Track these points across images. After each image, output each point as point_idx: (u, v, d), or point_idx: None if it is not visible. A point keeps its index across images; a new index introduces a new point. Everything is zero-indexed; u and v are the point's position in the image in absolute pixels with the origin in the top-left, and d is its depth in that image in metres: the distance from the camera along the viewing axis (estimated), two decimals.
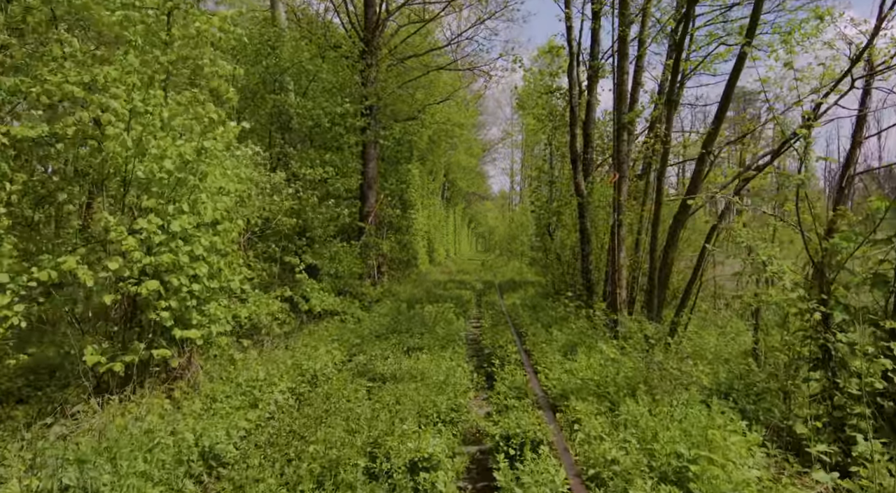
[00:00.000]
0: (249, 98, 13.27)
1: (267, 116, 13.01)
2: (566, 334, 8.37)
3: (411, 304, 14.14)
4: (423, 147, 25.13)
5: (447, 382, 5.51)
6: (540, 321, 10.12)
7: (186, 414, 4.20)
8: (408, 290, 17.45)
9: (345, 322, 9.67)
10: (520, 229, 36.67)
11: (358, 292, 12.68)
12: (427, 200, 30.66)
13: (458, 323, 11.90)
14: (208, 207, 5.40)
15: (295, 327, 8.64)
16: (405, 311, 12.73)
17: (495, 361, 7.14)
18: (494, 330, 9.84)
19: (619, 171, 10.45)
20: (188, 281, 5.29)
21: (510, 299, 15.57)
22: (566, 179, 18.36)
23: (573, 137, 13.30)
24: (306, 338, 8.03)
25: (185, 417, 4.14)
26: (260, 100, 12.89)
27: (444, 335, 9.50)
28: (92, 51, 5.03)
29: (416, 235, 24.28)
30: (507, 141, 52.77)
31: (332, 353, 6.99)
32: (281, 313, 8.75)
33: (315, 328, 8.90)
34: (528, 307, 12.78)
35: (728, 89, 8.63)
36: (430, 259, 29.88)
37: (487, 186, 71.04)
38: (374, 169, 17.47)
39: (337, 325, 9.23)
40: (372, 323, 9.86)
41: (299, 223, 10.76)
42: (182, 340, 5.36)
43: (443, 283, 20.67)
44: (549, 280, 17.20)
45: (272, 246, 11.45)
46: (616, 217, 10.42)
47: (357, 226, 16.31)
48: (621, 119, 10.48)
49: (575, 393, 5.22)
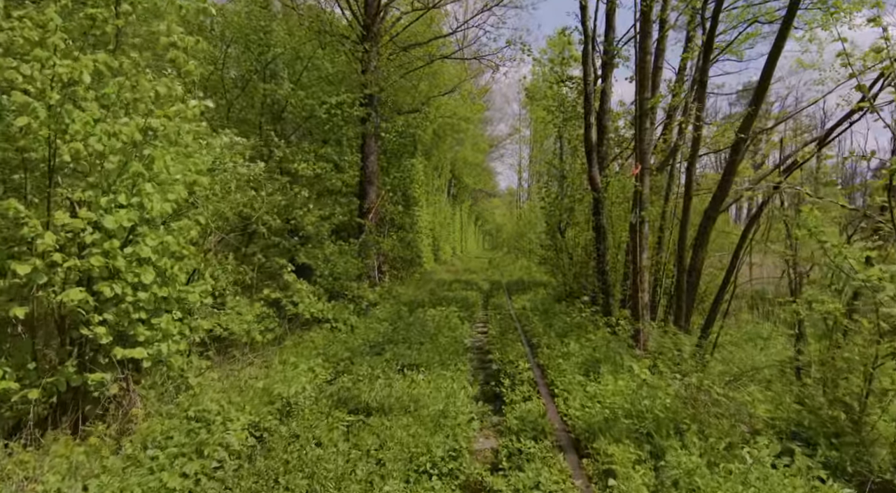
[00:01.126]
0: (241, 87, 12.33)
1: (258, 107, 12.06)
2: (585, 346, 7.34)
3: (413, 307, 13.16)
4: (428, 141, 24.09)
5: (446, 413, 4.51)
6: (553, 329, 9.09)
7: (100, 471, 3.23)
8: (410, 291, 16.46)
9: (336, 331, 8.70)
10: (528, 227, 35.56)
11: (355, 294, 11.71)
12: (432, 197, 29.64)
13: (462, 329, 10.90)
14: (155, 200, 4.42)
15: (279, 335, 7.67)
16: (406, 315, 11.74)
17: (504, 380, 6.14)
18: (503, 339, 8.83)
19: (642, 161, 9.39)
20: (130, 290, 4.33)
21: (519, 302, 14.54)
22: (578, 174, 17.29)
23: (588, 127, 12.24)
24: (288, 351, 7.05)
25: (99, 474, 3.18)
26: (252, 89, 11.94)
27: (447, 345, 8.51)
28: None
29: (421, 232, 23.28)
30: (514, 137, 51.62)
31: (314, 371, 6.01)
32: (266, 320, 7.80)
33: (301, 338, 7.93)
34: (539, 312, 11.75)
35: (769, 65, 7.56)
36: (436, 258, 28.88)
37: (495, 183, 69.91)
38: (375, 163, 16.47)
39: (326, 334, 8.26)
40: (366, 331, 8.87)
41: (290, 221, 9.80)
42: (126, 361, 4.39)
43: (448, 283, 19.66)
44: (561, 281, 16.15)
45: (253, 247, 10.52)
46: (638, 213, 9.37)
47: (356, 223, 15.34)
48: (644, 105, 9.42)
49: (604, 430, 4.21)
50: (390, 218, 19.15)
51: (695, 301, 8.69)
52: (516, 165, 56.92)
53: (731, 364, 6.34)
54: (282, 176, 12.81)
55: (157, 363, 4.59)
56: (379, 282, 16.35)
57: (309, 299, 8.56)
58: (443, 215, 33.86)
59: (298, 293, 8.44)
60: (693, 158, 8.18)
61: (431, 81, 21.03)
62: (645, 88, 9.45)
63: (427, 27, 19.35)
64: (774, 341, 10.70)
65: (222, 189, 7.09)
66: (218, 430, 3.83)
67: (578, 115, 16.59)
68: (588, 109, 12.26)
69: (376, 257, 16.27)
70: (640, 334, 8.82)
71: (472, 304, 14.15)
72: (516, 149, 55.31)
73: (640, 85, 9.44)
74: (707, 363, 6.37)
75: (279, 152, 10.44)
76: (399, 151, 21.57)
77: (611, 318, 8.81)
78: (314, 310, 8.31)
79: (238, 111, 12.45)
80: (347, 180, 12.55)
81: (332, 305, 9.54)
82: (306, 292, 8.72)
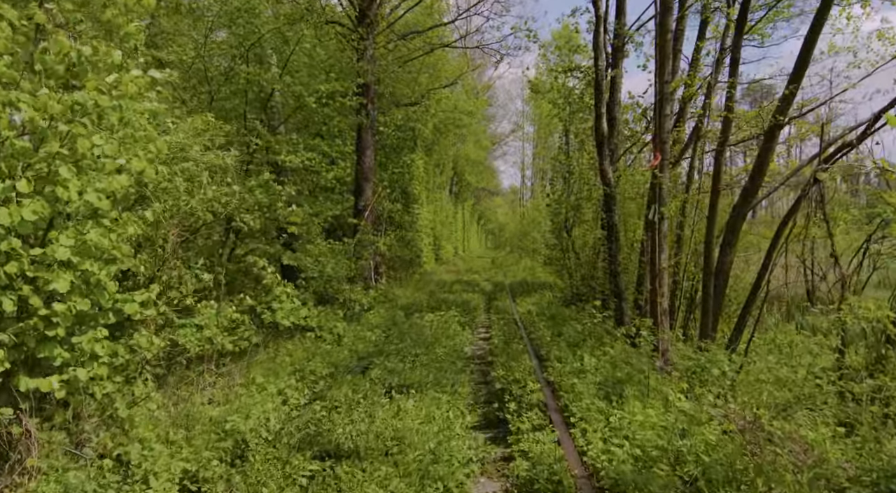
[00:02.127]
0: (225, 74, 11.43)
1: (242, 94, 11.14)
2: (601, 360, 6.41)
3: (410, 311, 12.25)
4: (429, 137, 23.15)
5: (438, 455, 3.60)
6: (563, 338, 8.16)
7: None
8: (408, 293, 15.56)
9: (321, 340, 7.78)
10: (532, 226, 34.62)
11: (346, 298, 10.81)
12: (433, 195, 28.72)
13: (462, 336, 9.99)
14: (72, 189, 3.52)
15: (251, 347, 6.76)
16: (401, 321, 10.83)
17: (509, 403, 5.22)
18: (507, 349, 7.91)
19: (662, 151, 8.44)
20: (38, 301, 3.43)
21: (524, 305, 13.60)
22: (585, 169, 16.35)
23: (598, 117, 11.29)
24: (259, 368, 6.14)
25: None
26: (235, 75, 11.03)
27: (444, 357, 7.59)
28: None
29: (421, 231, 22.36)
30: (517, 134, 50.67)
31: (284, 394, 5.11)
32: (241, 328, 6.89)
33: (277, 351, 7.01)
34: (546, 317, 10.81)
35: (810, 39, 6.63)
36: (437, 257, 27.96)
37: (498, 181, 69.05)
38: (371, 158, 15.56)
39: (309, 345, 7.34)
40: (355, 341, 7.97)
41: (270, 219, 8.90)
42: (31, 392, 3.49)
43: (449, 284, 18.74)
44: (568, 283, 15.20)
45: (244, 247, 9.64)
46: (657, 209, 8.42)
47: (351, 222, 14.44)
48: (664, 89, 8.46)
49: (638, 483, 3.28)
50: (388, 216, 18.24)
51: (722, 308, 7.74)
52: (519, 163, 55.94)
53: (774, 385, 5.40)
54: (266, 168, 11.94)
55: (75, 393, 3.68)
56: (375, 284, 15.44)
57: (291, 305, 7.64)
58: (444, 214, 32.93)
59: (278, 298, 7.53)
60: (723, 145, 7.24)
61: (432, 74, 20.10)
62: (665, 70, 8.49)
63: (427, 16, 18.43)
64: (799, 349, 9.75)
65: (188, 181, 6.18)
66: (136, 490, 2.92)
67: (586, 106, 15.66)
68: (599, 98, 11.31)
69: (372, 257, 15.37)
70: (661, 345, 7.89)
71: (474, 307, 13.23)
72: (519, 146, 54.41)
73: (659, 66, 8.48)
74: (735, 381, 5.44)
75: (261, 141, 9.52)
76: (398, 146, 20.64)
77: (629, 327, 7.86)
78: (295, 318, 7.40)
79: (222, 100, 11.55)
80: (338, 174, 11.61)
81: (319, 310, 8.62)
82: (288, 296, 7.80)
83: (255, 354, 6.74)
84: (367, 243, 14.42)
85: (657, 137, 8.59)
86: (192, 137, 6.83)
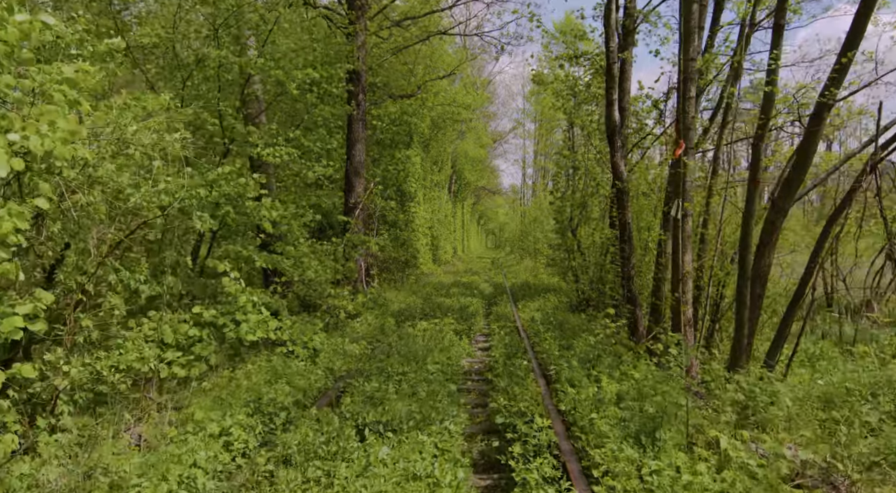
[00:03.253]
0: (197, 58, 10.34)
1: (214, 79, 10.06)
2: (623, 384, 5.35)
3: (402, 318, 11.18)
4: (426, 132, 22.05)
5: None
6: (574, 353, 7.09)
7: None
8: (402, 297, 14.48)
9: (292, 357, 6.70)
10: (533, 225, 33.52)
11: (329, 304, 9.74)
12: (431, 193, 27.62)
13: (459, 346, 8.94)
14: None
15: (206, 369, 5.68)
16: (391, 330, 9.76)
17: (514, 446, 4.14)
18: (509, 366, 6.84)
19: (686, 139, 7.36)
20: None
21: (527, 311, 12.53)
22: (592, 164, 15.27)
23: (610, 104, 10.22)
24: (207, 395, 5.05)
25: None
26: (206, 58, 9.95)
27: (436, 376, 6.53)
28: None
29: (417, 231, 21.27)
30: (518, 131, 49.53)
31: (229, 435, 4.04)
32: (198, 346, 5.82)
33: (237, 372, 5.91)
34: (553, 326, 9.73)
35: None
36: (434, 258, 26.86)
37: (498, 181, 68.00)
38: (362, 152, 14.48)
39: (278, 362, 6.25)
40: (332, 357, 6.90)
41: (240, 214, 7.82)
42: None
43: (446, 286, 17.66)
44: (574, 287, 14.11)
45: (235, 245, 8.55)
46: (680, 205, 7.34)
47: (340, 221, 13.39)
48: (689, 67, 7.39)
49: None
50: (381, 214, 17.17)
51: (759, 318, 6.66)
52: (520, 162, 54.79)
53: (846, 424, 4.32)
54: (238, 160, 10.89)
55: None
56: (366, 287, 14.37)
57: (258, 316, 6.56)
58: (443, 213, 31.82)
59: (242, 309, 6.44)
60: (763, 128, 6.14)
61: (429, 64, 19.01)
62: (690, 46, 7.41)
63: (423, 2, 17.34)
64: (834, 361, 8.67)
65: (119, 167, 5.11)
66: None
67: (593, 96, 14.61)
68: (611, 84, 10.23)
69: (363, 258, 14.30)
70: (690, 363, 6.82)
71: (472, 313, 12.16)
72: (520, 144, 53.32)
73: (684, 41, 7.40)
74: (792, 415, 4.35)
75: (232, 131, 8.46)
76: (393, 141, 19.56)
77: (656, 344, 6.77)
78: (262, 331, 6.31)
79: (193, 87, 10.47)
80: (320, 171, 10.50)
81: (294, 320, 7.54)
82: (255, 305, 6.72)
83: (210, 376, 5.66)
84: (357, 244, 13.37)
85: (680, 122, 7.52)
86: (138, 119, 5.76)
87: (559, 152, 18.00)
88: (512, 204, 64.87)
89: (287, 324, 7.23)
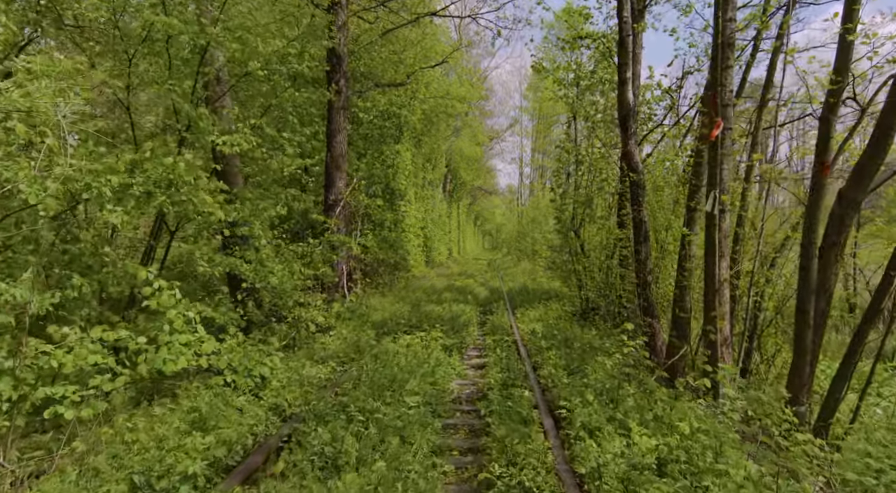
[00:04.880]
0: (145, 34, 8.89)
1: (163, 54, 8.62)
2: (663, 438, 3.93)
3: (384, 331, 9.76)
4: (417, 126, 20.61)
5: None
6: (588, 383, 5.68)
7: None
8: (387, 304, 13.05)
9: (231, 390, 5.26)
10: (531, 226, 32.14)
11: (296, 316, 8.30)
12: (424, 192, 26.19)
13: (448, 365, 7.58)
14: None
15: (107, 409, 4.25)
16: (368, 346, 8.33)
17: None
18: (507, 400, 5.44)
19: (724, 117, 5.97)
20: None
21: (527, 322, 11.13)
22: (596, 158, 13.90)
23: (623, 82, 8.85)
24: (82, 461, 3.62)
25: None
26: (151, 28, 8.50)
27: (416, 413, 5.13)
28: None
29: (408, 231, 19.83)
30: (515, 129, 48.11)
31: None
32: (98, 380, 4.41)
33: (140, 417, 4.48)
34: (558, 342, 8.32)
35: None
36: (427, 260, 25.42)
37: (494, 181, 66.67)
38: (344, 144, 13.07)
39: (207, 401, 4.82)
40: (286, 387, 5.47)
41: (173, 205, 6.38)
42: None
43: (439, 291, 16.24)
44: (578, 293, 12.70)
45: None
46: (716, 197, 5.96)
47: (317, 220, 11.96)
48: (727, 28, 6.00)
49: None
50: (366, 213, 15.73)
51: (821, 341, 5.25)
52: (517, 160, 53.37)
53: None
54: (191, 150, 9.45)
55: None
56: (347, 294, 12.93)
57: (189, 336, 5.13)
58: (437, 213, 30.38)
59: (162, 329, 5.00)
60: (838, 96, 4.75)
61: (419, 51, 17.58)
62: (729, 4, 6.03)
63: None
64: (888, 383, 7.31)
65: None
66: None
67: (599, 81, 13.24)
68: (624, 60, 8.86)
69: (345, 261, 12.87)
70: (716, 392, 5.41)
71: (465, 323, 10.74)
72: (517, 142, 51.97)
73: None
74: None
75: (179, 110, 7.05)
76: (381, 135, 18.10)
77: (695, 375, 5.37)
78: (185, 359, 4.88)
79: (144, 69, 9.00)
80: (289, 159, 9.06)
81: (241, 340, 6.10)
82: (189, 323, 5.29)
83: (111, 418, 4.23)
84: (337, 245, 11.94)
85: (716, 97, 6.13)
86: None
87: (560, 146, 16.59)
88: (509, 205, 63.55)
89: (231, 345, 5.80)
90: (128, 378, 4.79)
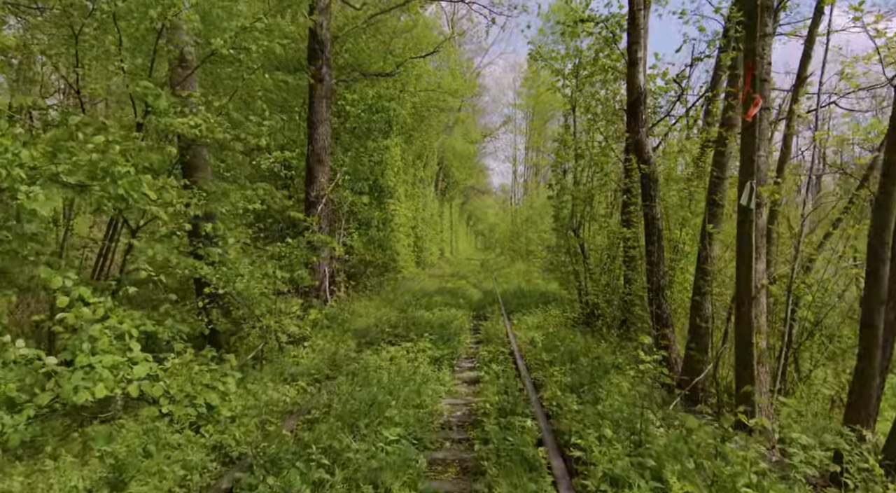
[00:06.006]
0: None
1: (111, 29, 7.58)
2: (702, 489, 2.99)
3: (365, 340, 8.78)
4: (408, 120, 19.60)
5: None
6: (602, 411, 4.74)
7: None
8: (373, 309, 12.06)
9: (167, 423, 4.28)
10: (526, 225, 31.21)
11: (265, 326, 7.30)
12: (415, 190, 25.20)
13: (437, 381, 6.64)
14: None
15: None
16: (346, 360, 7.36)
17: None
18: (505, 433, 4.49)
19: (762, 92, 5.06)
20: None
21: (524, 329, 10.18)
22: (597, 153, 12.97)
23: (633, 63, 7.95)
24: None
25: None
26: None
27: (396, 449, 4.18)
28: None
29: (397, 231, 18.84)
30: (509, 126, 47.19)
31: None
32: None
33: (34, 464, 3.48)
34: (559, 353, 7.37)
35: None
36: (418, 261, 24.42)
37: (488, 180, 65.86)
38: (327, 136, 12.08)
39: (134, 438, 3.84)
40: (238, 420, 4.49)
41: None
42: None
43: (429, 294, 15.27)
44: (578, 297, 11.75)
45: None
46: (752, 189, 5.05)
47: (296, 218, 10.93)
48: None
49: None
50: (350, 210, 14.72)
51: (889, 362, 4.34)
52: (510, 158, 52.45)
53: None
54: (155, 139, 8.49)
55: None
56: (330, 298, 11.93)
57: (115, 358, 4.14)
58: (428, 212, 29.40)
59: (82, 347, 4.01)
60: None
61: (408, 39, 16.61)
62: None
63: None
64: None
65: None
66: None
67: (601, 69, 12.31)
68: (634, 37, 7.96)
69: (327, 263, 11.87)
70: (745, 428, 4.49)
71: (457, 330, 9.76)
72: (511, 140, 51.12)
73: None
74: None
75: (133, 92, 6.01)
76: (369, 129, 17.08)
77: (760, 418, 4.40)
78: (107, 386, 3.90)
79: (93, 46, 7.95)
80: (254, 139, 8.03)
81: (187, 359, 5.09)
82: (117, 340, 4.29)
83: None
84: (318, 246, 10.91)
85: (752, 71, 5.20)
86: None
87: (558, 139, 15.65)
88: (502, 204, 62.69)
89: (173, 365, 4.79)
90: (30, 411, 3.79)
